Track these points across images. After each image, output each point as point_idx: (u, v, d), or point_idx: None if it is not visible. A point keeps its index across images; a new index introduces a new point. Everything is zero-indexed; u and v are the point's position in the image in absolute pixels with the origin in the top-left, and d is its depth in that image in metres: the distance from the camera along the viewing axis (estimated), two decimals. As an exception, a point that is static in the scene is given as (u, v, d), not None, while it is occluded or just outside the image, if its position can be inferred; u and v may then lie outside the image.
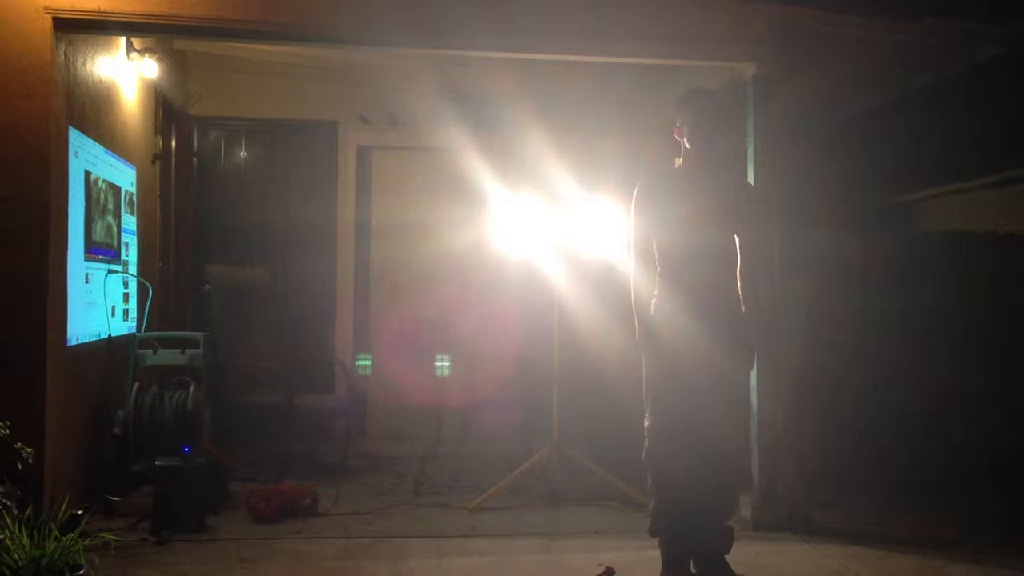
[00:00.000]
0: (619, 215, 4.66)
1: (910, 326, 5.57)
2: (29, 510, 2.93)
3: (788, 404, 4.48)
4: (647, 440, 3.59)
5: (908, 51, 4.97)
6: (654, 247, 3.58)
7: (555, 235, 4.97)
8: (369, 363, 6.44)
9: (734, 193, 3.67)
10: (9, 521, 2.87)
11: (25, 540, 2.79)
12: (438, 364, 6.44)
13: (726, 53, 4.60)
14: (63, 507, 3.01)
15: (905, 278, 5.71)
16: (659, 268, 3.57)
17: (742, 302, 3.58)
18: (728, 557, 3.60)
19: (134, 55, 5.24)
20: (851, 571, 3.79)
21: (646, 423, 3.60)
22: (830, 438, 5.10)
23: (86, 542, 2.89)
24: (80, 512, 3.20)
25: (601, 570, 3.61)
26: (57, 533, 2.83)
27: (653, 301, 3.56)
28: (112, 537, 3.12)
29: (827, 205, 5.89)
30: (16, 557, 2.75)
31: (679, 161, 3.69)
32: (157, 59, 5.40)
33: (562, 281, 5.03)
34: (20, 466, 3.12)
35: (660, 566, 3.58)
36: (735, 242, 3.60)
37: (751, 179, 4.50)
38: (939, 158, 6.44)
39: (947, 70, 5.27)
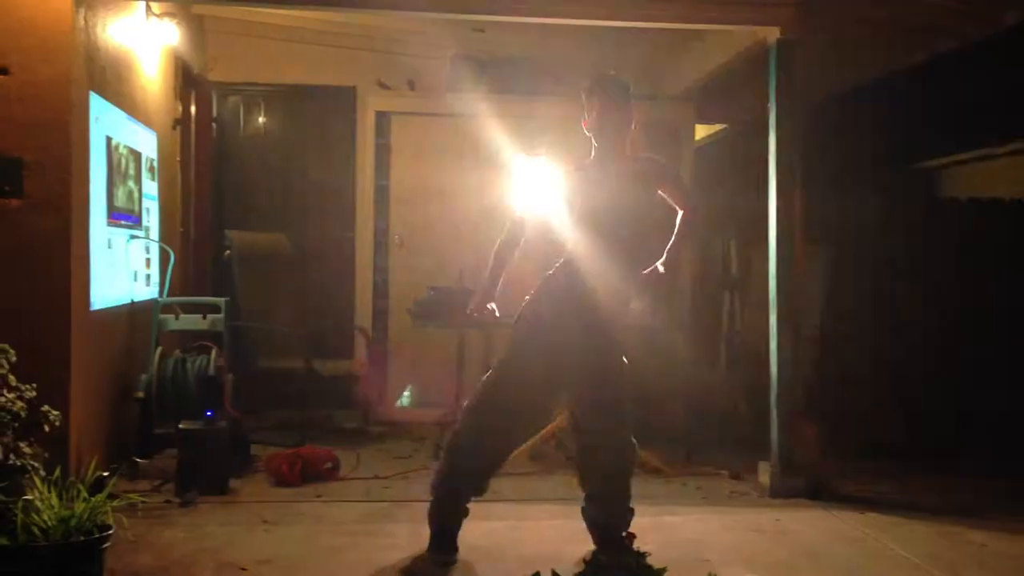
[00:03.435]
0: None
1: (933, 292, 5.52)
2: (57, 472, 2.96)
3: (808, 371, 4.47)
4: (461, 426, 3.51)
5: (932, 15, 4.89)
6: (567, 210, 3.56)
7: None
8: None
9: (645, 165, 3.58)
10: (38, 482, 2.90)
11: (54, 500, 2.83)
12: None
13: (751, 17, 4.56)
14: (91, 469, 3.05)
15: (928, 244, 5.65)
16: (572, 225, 3.54)
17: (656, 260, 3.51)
18: (745, 522, 3.61)
19: (153, 19, 5.22)
20: (870, 537, 3.80)
21: (472, 402, 3.53)
22: (851, 405, 5.09)
23: (113, 503, 2.92)
24: (107, 474, 3.23)
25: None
26: (85, 494, 2.87)
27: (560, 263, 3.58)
28: (139, 499, 3.16)
29: (848, 171, 5.83)
30: (46, 517, 2.78)
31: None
32: (176, 23, 5.38)
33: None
34: (47, 429, 3.15)
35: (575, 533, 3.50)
36: (650, 205, 3.53)
37: (772, 144, 4.46)
38: (963, 124, 6.37)
39: (972, 34, 5.19)
